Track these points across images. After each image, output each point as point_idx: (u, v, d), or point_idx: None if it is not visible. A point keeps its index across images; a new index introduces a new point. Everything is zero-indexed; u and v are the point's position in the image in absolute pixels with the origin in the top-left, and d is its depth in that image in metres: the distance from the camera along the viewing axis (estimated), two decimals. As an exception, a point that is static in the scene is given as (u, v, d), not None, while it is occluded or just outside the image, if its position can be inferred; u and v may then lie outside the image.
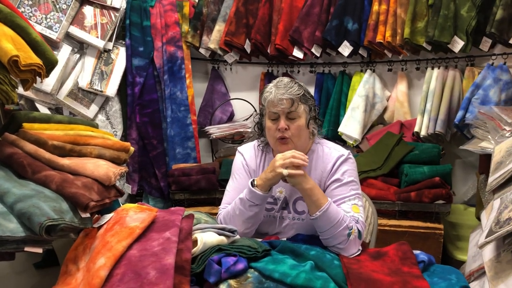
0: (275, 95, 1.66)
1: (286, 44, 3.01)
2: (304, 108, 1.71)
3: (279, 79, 1.75)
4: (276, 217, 1.77)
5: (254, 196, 1.64)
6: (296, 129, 1.69)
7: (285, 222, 1.76)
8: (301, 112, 1.69)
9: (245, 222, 1.69)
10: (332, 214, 1.56)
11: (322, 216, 1.56)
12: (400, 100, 3.05)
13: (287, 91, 1.66)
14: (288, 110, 1.67)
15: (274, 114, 1.69)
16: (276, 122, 1.69)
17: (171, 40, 3.11)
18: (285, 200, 1.76)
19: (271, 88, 1.71)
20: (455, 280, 1.38)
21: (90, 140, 1.67)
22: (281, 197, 1.76)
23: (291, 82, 1.71)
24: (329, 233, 1.56)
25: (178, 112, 3.18)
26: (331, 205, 1.57)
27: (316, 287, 1.23)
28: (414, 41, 2.76)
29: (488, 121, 2.50)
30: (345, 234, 1.55)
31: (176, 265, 1.25)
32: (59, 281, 1.33)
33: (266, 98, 1.70)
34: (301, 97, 1.69)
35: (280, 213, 1.76)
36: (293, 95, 1.66)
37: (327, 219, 1.56)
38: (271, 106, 1.68)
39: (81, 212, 1.38)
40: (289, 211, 1.76)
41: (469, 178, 3.14)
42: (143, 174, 3.26)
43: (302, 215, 1.72)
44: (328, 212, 1.56)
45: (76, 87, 2.87)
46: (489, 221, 1.95)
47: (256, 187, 1.64)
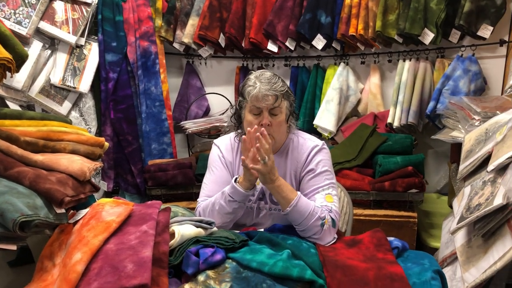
0: (260, 90, 1.65)
1: (260, 38, 3.02)
2: (286, 104, 1.72)
3: (260, 72, 1.74)
4: (253, 208, 1.78)
5: (235, 192, 1.64)
6: (277, 125, 1.70)
7: (262, 213, 1.77)
8: (283, 108, 1.71)
9: (223, 216, 1.70)
10: (303, 207, 1.59)
11: (293, 211, 1.58)
12: (373, 92, 3.10)
13: (272, 87, 1.66)
14: (272, 106, 1.67)
15: (257, 109, 1.68)
16: (258, 117, 1.69)
17: (145, 35, 3.08)
18: (261, 191, 1.78)
19: (254, 82, 1.68)
20: (428, 265, 1.42)
21: (63, 136, 1.66)
22: (258, 188, 1.77)
23: (274, 77, 1.71)
24: (302, 225, 1.59)
25: (153, 107, 3.16)
26: (300, 199, 1.60)
27: (293, 275, 1.25)
28: (385, 33, 2.81)
29: (458, 111, 2.57)
30: (318, 224, 1.58)
31: (153, 257, 1.25)
32: (34, 278, 1.32)
33: (250, 92, 1.67)
34: (284, 94, 1.70)
35: (257, 204, 1.78)
36: (278, 92, 1.67)
37: (298, 213, 1.58)
38: (255, 101, 1.67)
39: (56, 207, 1.37)
40: (266, 201, 1.77)
41: (441, 168, 3.22)
42: (118, 171, 3.23)
43: (278, 206, 1.73)
44: (298, 206, 1.58)
45: (48, 83, 2.82)
46: (460, 207, 2.01)
47: (238, 183, 1.65)
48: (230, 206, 1.66)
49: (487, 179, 1.87)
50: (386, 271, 1.33)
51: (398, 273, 1.32)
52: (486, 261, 1.74)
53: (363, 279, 1.29)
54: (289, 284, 1.24)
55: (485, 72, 2.91)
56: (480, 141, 2.15)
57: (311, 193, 1.68)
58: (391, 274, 1.31)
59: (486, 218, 1.73)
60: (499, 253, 1.68)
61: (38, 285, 1.26)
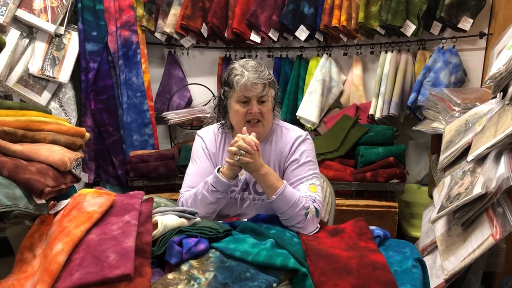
0: (249, 78, 1.65)
1: (243, 28, 3.01)
2: (272, 92, 1.74)
3: (244, 61, 1.74)
4: (237, 199, 1.78)
5: (217, 182, 1.63)
6: (266, 112, 1.71)
7: (246, 203, 1.78)
8: (270, 96, 1.72)
9: (206, 207, 1.69)
10: (288, 196, 1.59)
11: (278, 199, 1.59)
12: (356, 83, 3.11)
13: (260, 75, 1.67)
14: (260, 94, 1.68)
15: (245, 98, 1.68)
16: (246, 106, 1.69)
17: (126, 24, 3.04)
18: (245, 181, 1.77)
19: (242, 71, 1.68)
20: (409, 253, 1.44)
21: (43, 126, 1.62)
22: (242, 178, 1.77)
23: (260, 66, 1.72)
24: (287, 214, 1.59)
25: (134, 98, 3.12)
26: (286, 188, 1.60)
27: (277, 263, 1.25)
28: (368, 25, 2.82)
29: (439, 103, 2.60)
30: (302, 214, 1.59)
31: (136, 248, 1.24)
32: (14, 269, 1.30)
33: (238, 82, 1.66)
34: (271, 82, 1.72)
35: (241, 194, 1.78)
36: (265, 80, 1.68)
37: (283, 201, 1.59)
38: (244, 90, 1.67)
39: (36, 198, 1.35)
40: (250, 192, 1.77)
41: (421, 159, 3.26)
42: (99, 162, 3.19)
43: (262, 196, 1.74)
44: (284, 194, 1.59)
45: (26, 73, 2.76)
46: (440, 197, 2.04)
47: (221, 173, 1.64)
48: (212, 196, 1.65)
49: (467, 169, 1.90)
50: (368, 259, 1.34)
51: (380, 261, 1.34)
52: (465, 250, 1.77)
53: (345, 267, 1.30)
54: (272, 272, 1.25)
55: (465, 64, 2.95)
56: (460, 132, 2.19)
57: (295, 183, 1.69)
58: (373, 262, 1.33)
59: (465, 207, 1.76)
60: (477, 241, 1.72)
61: (18, 277, 1.24)
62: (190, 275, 1.24)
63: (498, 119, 1.82)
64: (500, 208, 1.69)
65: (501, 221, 1.65)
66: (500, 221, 1.65)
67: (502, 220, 1.65)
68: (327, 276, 1.27)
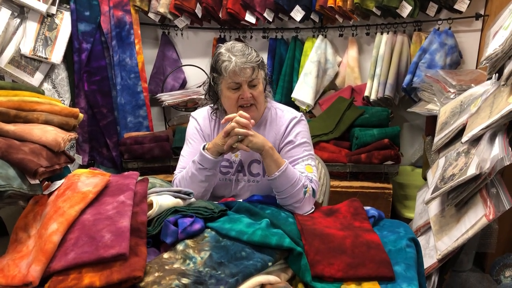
0: (237, 64, 1.61)
1: (238, 8, 2.97)
2: (262, 73, 1.72)
3: (231, 44, 1.69)
4: (232, 180, 1.78)
5: (204, 160, 1.63)
6: (258, 95, 1.69)
7: (241, 185, 1.77)
8: (261, 79, 1.70)
9: (198, 185, 1.68)
10: (290, 174, 1.59)
11: (281, 176, 1.58)
12: (351, 65, 3.10)
13: (248, 59, 1.63)
14: (250, 78, 1.65)
15: (236, 84, 1.65)
16: (237, 91, 1.66)
17: (119, 4, 2.99)
18: (240, 163, 1.77)
19: (229, 56, 1.63)
20: (403, 233, 1.45)
21: (36, 106, 1.61)
22: (237, 160, 1.76)
23: (247, 48, 1.67)
24: (286, 192, 1.59)
25: (128, 79, 3.10)
26: (288, 166, 1.60)
27: (272, 243, 1.26)
28: (364, 6, 2.80)
29: (434, 84, 2.60)
30: (301, 193, 1.59)
31: (131, 227, 1.24)
32: (9, 250, 1.30)
33: (226, 68, 1.62)
34: (260, 64, 1.68)
35: (235, 176, 1.77)
36: (254, 63, 1.64)
37: (285, 179, 1.58)
38: (233, 76, 1.63)
39: (30, 178, 1.34)
40: (245, 173, 1.77)
41: (416, 141, 3.27)
42: (93, 144, 3.17)
43: (257, 177, 1.74)
44: (287, 172, 1.58)
45: (18, 54, 2.72)
46: (434, 178, 2.05)
47: (206, 150, 1.64)
48: (201, 174, 1.65)
49: (461, 150, 1.91)
50: (362, 238, 1.35)
51: (375, 240, 1.35)
52: (458, 230, 1.79)
53: (340, 246, 1.31)
54: (267, 252, 1.25)
55: (461, 46, 2.94)
56: (455, 113, 2.19)
57: (291, 164, 1.67)
58: (368, 242, 1.33)
59: (459, 188, 1.77)
60: (471, 222, 1.73)
61: (13, 256, 1.24)
62: (185, 255, 1.24)
63: (493, 100, 1.82)
64: (493, 189, 1.71)
65: (494, 202, 1.67)
66: (493, 201, 1.67)
67: (496, 201, 1.67)
68: (322, 255, 1.28)
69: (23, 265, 1.17)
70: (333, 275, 1.24)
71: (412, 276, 1.26)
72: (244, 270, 1.18)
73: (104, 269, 1.12)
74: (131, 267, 1.13)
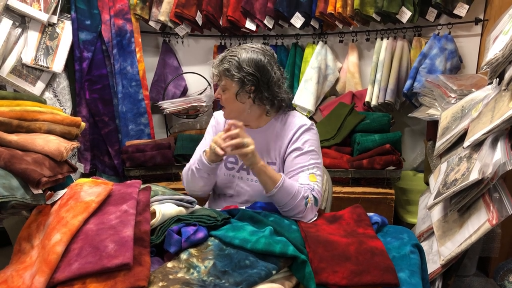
0: (212, 68, 1.75)
1: (238, 16, 2.98)
2: (230, 82, 1.70)
3: (233, 46, 1.78)
4: (235, 177, 1.82)
5: (200, 162, 1.74)
6: (224, 101, 1.76)
7: (243, 183, 1.81)
8: (229, 86, 1.72)
9: (196, 180, 1.81)
10: (288, 188, 1.58)
11: (279, 191, 1.58)
12: (351, 71, 3.10)
13: (215, 64, 1.73)
14: (216, 82, 1.77)
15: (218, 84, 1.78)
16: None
17: (119, 12, 3.01)
18: None
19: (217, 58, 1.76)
20: (407, 239, 1.44)
21: (38, 116, 1.61)
22: None
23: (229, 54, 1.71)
24: (288, 205, 1.59)
25: (130, 87, 3.10)
26: (285, 180, 1.60)
27: (276, 251, 1.26)
28: (364, 11, 2.81)
29: (435, 89, 2.60)
30: (302, 204, 1.59)
31: (135, 237, 1.24)
32: (12, 260, 1.30)
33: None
34: (223, 72, 1.70)
35: (239, 173, 1.81)
36: (216, 69, 1.73)
37: (284, 193, 1.58)
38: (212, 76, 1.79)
39: (33, 188, 1.34)
40: (248, 172, 1.79)
41: (417, 145, 3.27)
42: (95, 153, 3.18)
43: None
44: (284, 187, 1.58)
45: (19, 63, 2.73)
46: (437, 183, 2.05)
47: (204, 153, 1.74)
48: (198, 173, 1.78)
49: (463, 155, 1.91)
50: (366, 245, 1.35)
51: (379, 247, 1.34)
52: (461, 235, 1.78)
53: (344, 253, 1.31)
54: (271, 260, 1.25)
55: (461, 51, 2.95)
56: (456, 118, 2.19)
57: (295, 171, 1.68)
58: (372, 248, 1.33)
59: (462, 193, 1.77)
60: (474, 227, 1.73)
61: (16, 267, 1.24)
62: (189, 264, 1.24)
63: (495, 105, 1.83)
64: (496, 194, 1.70)
65: (497, 207, 1.66)
66: (496, 206, 1.66)
67: (499, 205, 1.66)
68: (326, 263, 1.28)
69: (27, 276, 1.17)
70: (337, 282, 1.23)
71: (416, 282, 1.25)
72: (248, 278, 1.18)
73: (108, 279, 1.12)
74: (135, 277, 1.13)
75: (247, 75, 1.68)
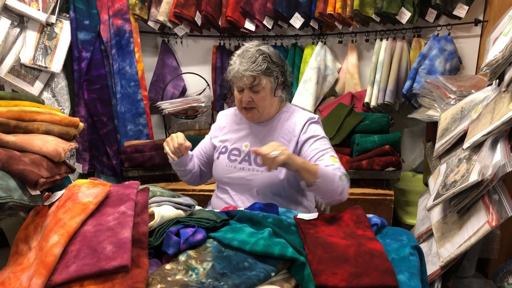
0: (238, 70, 1.71)
1: (237, 16, 2.98)
2: (267, 80, 1.76)
3: (245, 47, 1.77)
4: (236, 168, 1.86)
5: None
6: (259, 100, 1.77)
7: (243, 173, 1.85)
8: (264, 84, 1.75)
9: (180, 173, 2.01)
10: (326, 175, 1.63)
11: (321, 181, 1.61)
12: (351, 71, 3.10)
13: (250, 67, 1.70)
14: (250, 85, 1.73)
15: (240, 87, 1.77)
16: (241, 93, 1.77)
17: (118, 12, 3.00)
18: (248, 153, 1.86)
19: (235, 61, 1.74)
20: (406, 241, 1.44)
21: (36, 116, 1.60)
22: (245, 150, 1.86)
23: (257, 53, 1.73)
24: (329, 191, 1.65)
25: (128, 87, 3.10)
26: (321, 168, 1.63)
27: (275, 252, 1.25)
28: (363, 12, 2.80)
29: (434, 90, 2.60)
30: (340, 184, 1.65)
31: (133, 238, 1.23)
32: (9, 262, 1.29)
33: (230, 72, 1.76)
34: (264, 72, 1.73)
35: (241, 164, 1.86)
36: (255, 72, 1.71)
37: (325, 181, 1.62)
38: (235, 80, 1.75)
39: (30, 189, 1.33)
40: (250, 163, 1.84)
41: (416, 147, 3.27)
42: (94, 153, 3.17)
43: (261, 168, 1.81)
44: (323, 173, 1.62)
45: (18, 63, 2.72)
46: (436, 185, 2.04)
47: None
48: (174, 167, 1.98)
49: (463, 156, 1.91)
50: (366, 247, 1.34)
51: (378, 249, 1.33)
52: (461, 237, 1.78)
53: (343, 255, 1.30)
54: (270, 262, 1.24)
55: (460, 52, 2.94)
56: (455, 120, 2.19)
57: (317, 156, 1.74)
58: (371, 250, 1.32)
59: (461, 195, 1.76)
60: (473, 229, 1.73)
61: (14, 269, 1.23)
62: (188, 266, 1.23)
63: (494, 106, 1.82)
64: (496, 195, 1.70)
65: (497, 208, 1.66)
66: (496, 208, 1.66)
67: (498, 207, 1.66)
68: (325, 265, 1.27)
69: (24, 278, 1.16)
70: (336, 284, 1.22)
71: (416, 285, 1.24)
72: (247, 280, 1.17)
73: (106, 282, 1.11)
74: (133, 279, 1.12)
75: (279, 68, 1.79)
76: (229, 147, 1.92)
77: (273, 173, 1.77)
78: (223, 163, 1.90)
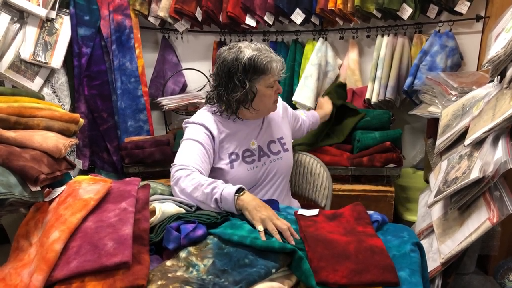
0: (278, 62, 1.73)
1: (238, 12, 2.97)
2: None
3: (255, 45, 1.74)
4: (258, 166, 1.86)
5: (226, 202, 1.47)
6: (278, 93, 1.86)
7: (266, 167, 1.87)
8: None
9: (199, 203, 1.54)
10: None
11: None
12: (352, 68, 3.09)
13: (280, 56, 1.76)
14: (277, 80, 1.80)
15: (274, 82, 1.76)
16: (272, 88, 1.78)
17: (118, 8, 2.99)
18: (260, 148, 1.88)
19: (270, 56, 1.71)
20: (407, 238, 1.43)
21: (36, 112, 1.60)
22: (256, 147, 1.87)
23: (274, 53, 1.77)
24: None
25: (128, 83, 3.09)
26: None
27: (275, 246, 1.25)
28: (364, 8, 2.79)
29: (436, 86, 2.59)
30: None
31: (134, 235, 1.23)
32: (10, 258, 1.29)
33: (270, 68, 1.70)
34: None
35: (261, 161, 1.87)
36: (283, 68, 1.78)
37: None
38: (276, 74, 1.74)
39: (31, 185, 1.33)
40: (268, 155, 1.88)
41: (417, 143, 3.26)
42: (94, 149, 3.16)
43: (278, 155, 1.89)
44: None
45: (18, 58, 2.71)
46: (437, 181, 2.04)
47: (237, 196, 1.47)
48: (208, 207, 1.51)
49: (464, 153, 1.90)
50: (366, 244, 1.34)
51: (378, 246, 1.33)
52: (461, 233, 1.78)
53: (344, 252, 1.30)
54: (271, 258, 1.24)
55: (461, 48, 2.93)
56: (457, 116, 2.18)
57: (299, 120, 2.17)
58: (372, 247, 1.32)
59: (462, 191, 1.76)
60: (474, 225, 1.72)
61: (14, 265, 1.23)
62: (188, 262, 1.23)
63: (496, 102, 1.81)
64: (497, 192, 1.69)
65: (498, 205, 1.65)
66: (497, 205, 1.66)
67: (499, 204, 1.65)
68: (326, 261, 1.27)
69: (25, 274, 1.16)
70: (337, 281, 1.22)
71: (417, 281, 1.24)
72: (247, 277, 1.17)
73: (107, 278, 1.11)
74: (134, 275, 1.12)
75: None
76: (239, 152, 1.83)
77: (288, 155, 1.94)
78: (243, 170, 1.79)
